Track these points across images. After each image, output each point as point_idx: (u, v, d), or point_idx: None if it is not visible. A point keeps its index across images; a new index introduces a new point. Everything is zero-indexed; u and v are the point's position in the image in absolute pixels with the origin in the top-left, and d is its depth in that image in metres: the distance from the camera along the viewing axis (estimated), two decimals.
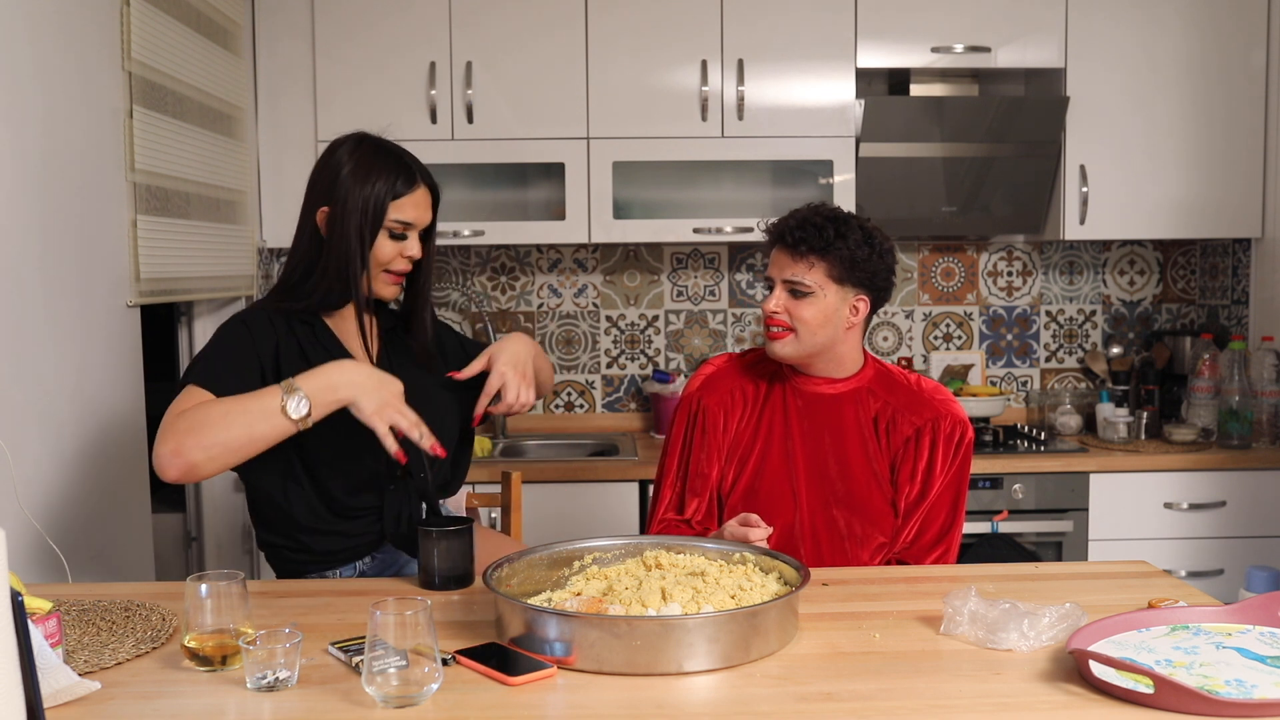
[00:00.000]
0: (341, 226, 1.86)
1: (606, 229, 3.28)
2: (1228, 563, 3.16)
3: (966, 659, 1.45)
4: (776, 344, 2.05)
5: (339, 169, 1.88)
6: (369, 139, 1.94)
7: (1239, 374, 3.27)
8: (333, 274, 1.88)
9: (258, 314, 1.92)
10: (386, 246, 1.90)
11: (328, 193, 1.88)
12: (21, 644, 1.07)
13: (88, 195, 2.25)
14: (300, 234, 1.93)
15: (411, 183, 1.90)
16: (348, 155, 1.89)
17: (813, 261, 1.99)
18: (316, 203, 1.90)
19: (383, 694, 1.30)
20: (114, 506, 2.34)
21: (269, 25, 3.23)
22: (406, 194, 1.89)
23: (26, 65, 2.02)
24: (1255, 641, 1.44)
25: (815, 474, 2.07)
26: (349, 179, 1.87)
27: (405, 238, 1.91)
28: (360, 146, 1.91)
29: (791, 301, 2.01)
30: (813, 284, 1.99)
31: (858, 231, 2.00)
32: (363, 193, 1.86)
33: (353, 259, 1.87)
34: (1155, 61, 3.32)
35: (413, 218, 1.91)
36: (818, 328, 2.01)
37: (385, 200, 1.87)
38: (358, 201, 1.86)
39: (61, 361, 2.14)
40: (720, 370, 2.18)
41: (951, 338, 3.74)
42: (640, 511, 3.06)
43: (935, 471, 2.05)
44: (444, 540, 1.76)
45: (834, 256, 1.98)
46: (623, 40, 3.24)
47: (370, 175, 1.87)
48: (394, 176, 1.89)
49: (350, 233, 1.86)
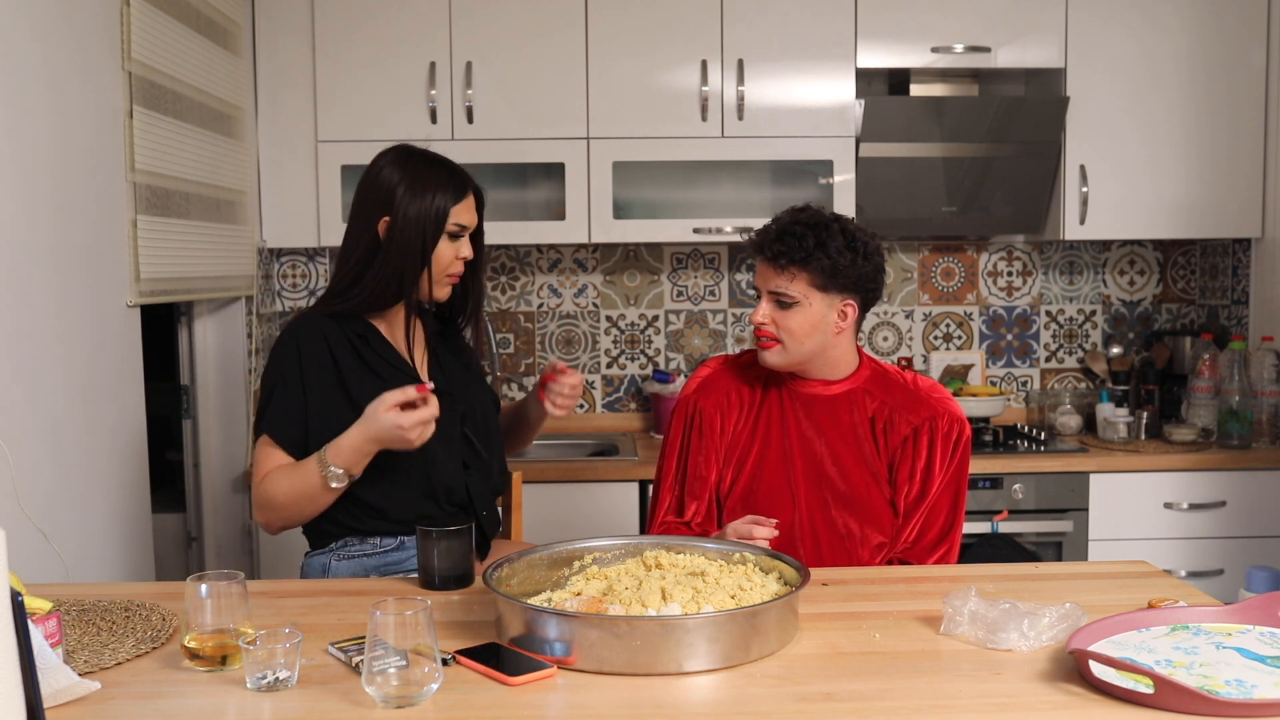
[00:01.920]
0: (404, 235, 1.99)
1: (606, 229, 3.28)
2: (1228, 563, 3.16)
3: (966, 659, 1.45)
4: (766, 354, 2.05)
5: (394, 182, 2.00)
6: (416, 151, 2.06)
7: (1239, 374, 3.27)
8: (389, 276, 2.00)
9: (309, 325, 2.03)
10: (446, 250, 2.02)
11: (386, 204, 2.00)
12: (21, 644, 1.07)
13: (88, 195, 2.25)
14: (352, 244, 2.04)
15: (464, 189, 2.04)
16: (401, 168, 2.02)
17: (794, 273, 1.98)
18: (374, 214, 2.01)
19: (383, 694, 1.30)
20: (114, 506, 2.34)
21: (269, 25, 3.23)
22: (461, 200, 2.03)
23: (27, 65, 2.02)
24: (1255, 641, 1.44)
25: (813, 475, 2.07)
26: (409, 191, 1.99)
27: (460, 237, 2.04)
28: (411, 158, 2.04)
29: (778, 312, 2.01)
30: (797, 294, 1.98)
31: (839, 237, 1.98)
32: (423, 203, 1.99)
33: (415, 263, 2.00)
34: (1155, 61, 3.32)
35: (467, 221, 2.04)
36: (804, 337, 2.00)
37: (446, 209, 2.01)
38: (421, 211, 1.99)
39: (62, 361, 2.14)
40: (716, 372, 2.18)
41: (951, 338, 3.74)
42: (640, 511, 3.06)
43: (934, 470, 2.05)
44: (444, 540, 1.76)
45: (815, 266, 1.96)
46: (623, 40, 3.24)
47: (429, 186, 2.00)
48: (449, 185, 2.02)
49: (414, 239, 1.99)
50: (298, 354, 2.00)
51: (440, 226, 2.00)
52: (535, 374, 3.66)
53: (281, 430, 1.98)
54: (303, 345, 2.01)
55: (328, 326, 2.03)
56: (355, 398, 1.95)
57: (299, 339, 2.01)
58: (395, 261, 1.99)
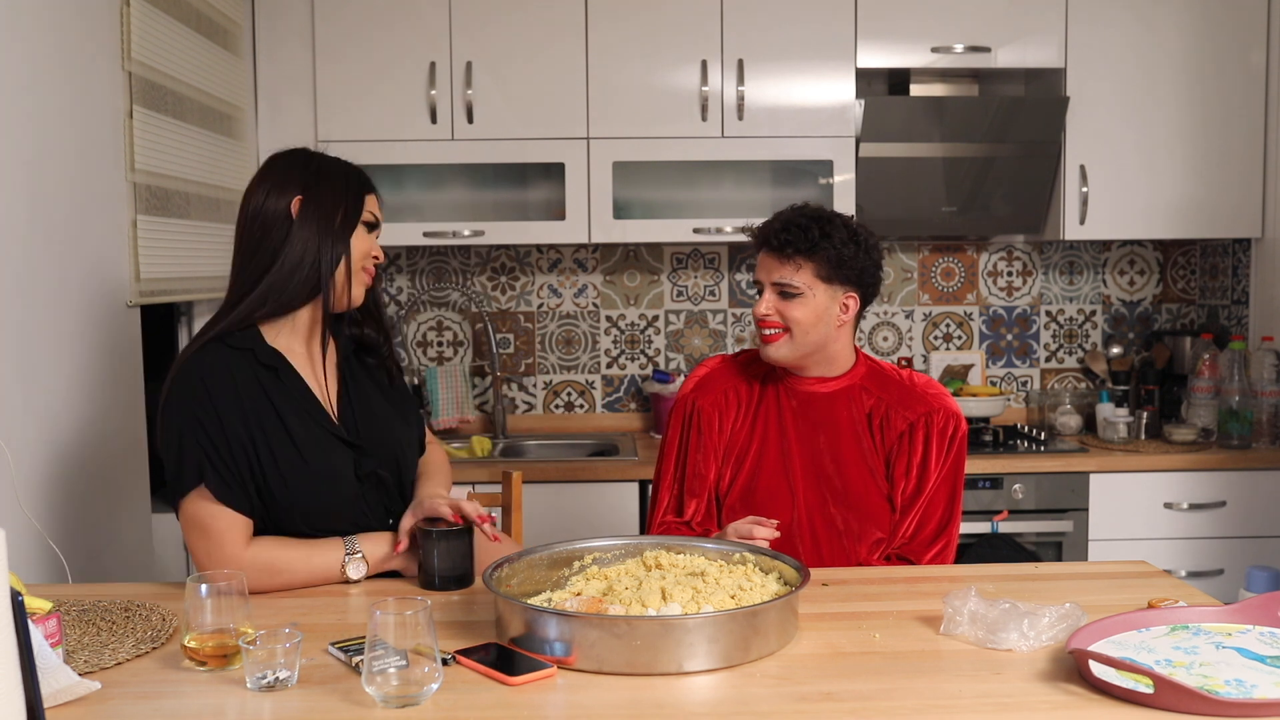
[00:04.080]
0: (322, 206, 1.80)
1: (606, 229, 3.28)
2: (1228, 563, 3.16)
3: (966, 659, 1.45)
4: (771, 347, 2.05)
5: (301, 160, 1.86)
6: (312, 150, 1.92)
7: (1239, 374, 3.27)
8: (306, 260, 1.78)
9: (211, 359, 1.77)
10: (365, 237, 1.86)
11: (295, 181, 1.82)
12: (21, 644, 1.07)
13: (88, 195, 2.25)
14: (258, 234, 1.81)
15: (369, 183, 1.90)
16: (301, 152, 1.88)
17: (800, 263, 2.00)
18: (284, 194, 1.80)
19: (383, 694, 1.30)
20: (114, 506, 2.34)
21: (269, 26, 3.23)
22: (370, 191, 1.90)
23: (27, 65, 2.02)
24: (1255, 641, 1.44)
25: (811, 472, 2.07)
26: (321, 169, 1.85)
27: (374, 230, 1.89)
28: (307, 150, 1.91)
29: (782, 303, 2.02)
30: (801, 284, 2.01)
31: (842, 230, 2.02)
32: (341, 179, 1.84)
33: (333, 242, 1.80)
34: (1155, 62, 3.32)
35: (378, 212, 1.90)
36: (810, 327, 2.02)
37: (364, 190, 1.87)
38: (338, 186, 1.83)
39: (61, 361, 2.14)
40: (714, 371, 2.19)
41: (951, 338, 3.74)
42: (640, 511, 3.06)
43: (930, 466, 2.06)
44: (444, 541, 1.76)
45: (821, 256, 2.00)
46: (623, 40, 3.24)
47: (338, 168, 1.87)
48: (356, 173, 1.89)
49: (332, 211, 1.81)
50: (206, 394, 1.73)
51: (359, 204, 1.84)
52: (535, 374, 3.67)
53: (222, 490, 1.72)
54: (209, 383, 1.74)
55: (232, 359, 1.77)
56: (267, 444, 1.75)
57: (202, 377, 1.74)
58: (312, 240, 1.78)
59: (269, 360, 1.80)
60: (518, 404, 3.69)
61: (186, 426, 1.73)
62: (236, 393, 1.75)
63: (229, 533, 1.73)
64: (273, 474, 1.75)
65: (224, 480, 1.73)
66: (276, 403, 1.78)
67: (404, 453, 1.94)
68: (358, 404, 1.89)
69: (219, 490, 1.72)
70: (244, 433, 1.74)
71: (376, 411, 1.92)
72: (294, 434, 1.77)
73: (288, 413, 1.78)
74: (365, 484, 1.85)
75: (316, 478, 1.78)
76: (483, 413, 3.67)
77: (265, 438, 1.75)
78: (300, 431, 1.78)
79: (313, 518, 1.80)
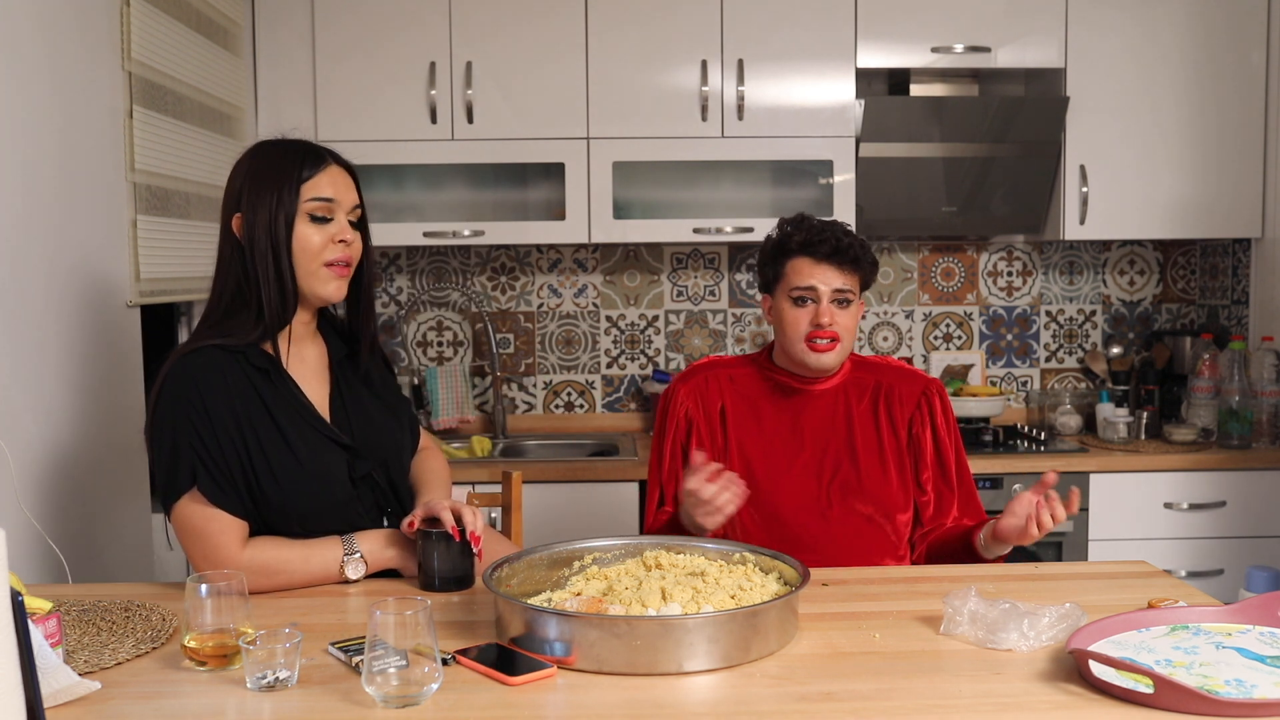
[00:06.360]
0: (257, 225, 1.74)
1: (606, 229, 3.28)
2: (1228, 563, 3.16)
3: (966, 659, 1.45)
4: (829, 355, 2.09)
5: (241, 171, 1.79)
6: (272, 140, 1.85)
7: (1239, 374, 3.27)
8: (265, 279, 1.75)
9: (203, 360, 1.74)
10: (312, 234, 1.76)
11: (236, 198, 1.77)
12: (21, 644, 1.07)
13: (88, 195, 2.25)
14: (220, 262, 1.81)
15: (320, 161, 1.79)
16: (250, 156, 1.81)
17: (851, 271, 2.10)
18: (228, 215, 1.79)
19: (383, 694, 1.30)
20: (114, 506, 2.34)
21: (269, 26, 3.23)
22: (318, 172, 1.78)
23: (27, 65, 2.02)
24: (1255, 641, 1.45)
25: (829, 469, 2.11)
26: (255, 175, 1.77)
27: (330, 220, 1.78)
28: (262, 145, 1.83)
29: (838, 311, 2.09)
30: (854, 293, 2.11)
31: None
32: (273, 179, 1.75)
33: (280, 254, 1.74)
34: (1155, 62, 3.32)
35: (331, 193, 1.78)
36: (853, 333, 2.13)
37: (298, 179, 1.76)
38: (270, 188, 1.75)
39: (62, 361, 2.14)
40: (703, 371, 2.22)
41: (951, 338, 3.74)
42: (640, 511, 3.06)
43: (943, 436, 2.15)
44: (444, 542, 1.76)
45: (866, 265, 2.11)
46: (623, 40, 3.24)
47: (275, 164, 1.77)
48: (299, 158, 1.78)
49: (268, 226, 1.73)
50: (199, 396, 1.71)
51: (294, 200, 1.74)
52: (535, 374, 3.67)
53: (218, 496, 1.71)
54: (200, 386, 1.72)
55: (223, 361, 1.75)
56: (260, 447, 1.74)
57: (194, 379, 1.72)
58: (260, 257, 1.73)
59: (260, 362, 1.78)
60: (518, 404, 3.69)
61: (179, 429, 1.71)
62: (228, 395, 1.74)
63: (224, 535, 1.72)
64: (265, 476, 1.75)
65: (217, 483, 1.72)
66: (269, 404, 1.77)
67: (397, 454, 1.93)
68: (350, 405, 1.88)
69: (212, 493, 1.71)
70: (236, 435, 1.73)
71: (370, 413, 1.90)
72: (287, 436, 1.77)
73: (280, 414, 1.77)
74: (359, 486, 1.85)
75: (310, 479, 1.78)
76: (483, 413, 3.67)
77: (258, 439, 1.74)
78: (293, 433, 1.77)
79: (306, 519, 1.80)
